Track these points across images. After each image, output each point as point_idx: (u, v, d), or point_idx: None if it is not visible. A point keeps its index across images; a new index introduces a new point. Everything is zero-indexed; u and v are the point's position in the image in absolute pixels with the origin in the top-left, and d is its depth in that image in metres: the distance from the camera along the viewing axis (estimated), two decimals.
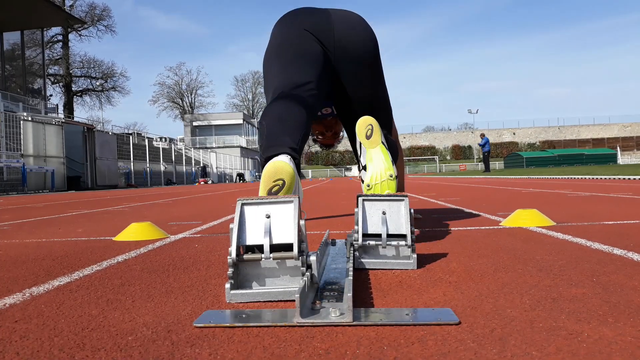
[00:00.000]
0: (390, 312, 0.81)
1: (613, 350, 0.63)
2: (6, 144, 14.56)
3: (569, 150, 44.63)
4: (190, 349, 0.68)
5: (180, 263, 1.39)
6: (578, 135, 60.44)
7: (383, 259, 1.21)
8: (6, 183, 14.04)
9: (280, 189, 1.16)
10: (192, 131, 48.77)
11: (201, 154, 35.66)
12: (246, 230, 1.00)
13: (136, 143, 24.90)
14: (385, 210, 1.23)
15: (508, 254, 1.34)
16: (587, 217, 2.23)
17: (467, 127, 64.94)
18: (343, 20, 1.78)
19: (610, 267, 1.13)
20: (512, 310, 0.81)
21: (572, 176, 8.93)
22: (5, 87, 23.20)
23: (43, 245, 1.89)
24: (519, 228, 1.89)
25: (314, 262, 0.96)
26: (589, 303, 0.84)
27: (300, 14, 1.83)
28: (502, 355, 0.62)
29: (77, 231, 2.42)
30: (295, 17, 1.82)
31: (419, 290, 0.98)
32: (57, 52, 38.12)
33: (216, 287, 1.07)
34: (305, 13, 1.82)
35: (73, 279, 1.21)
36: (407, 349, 0.66)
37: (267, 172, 1.18)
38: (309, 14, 1.81)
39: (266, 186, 1.16)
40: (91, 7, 39.16)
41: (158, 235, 2.01)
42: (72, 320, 0.84)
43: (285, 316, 0.81)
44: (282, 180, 1.17)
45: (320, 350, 0.66)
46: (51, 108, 26.08)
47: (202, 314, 0.84)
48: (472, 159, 56.73)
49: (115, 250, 1.69)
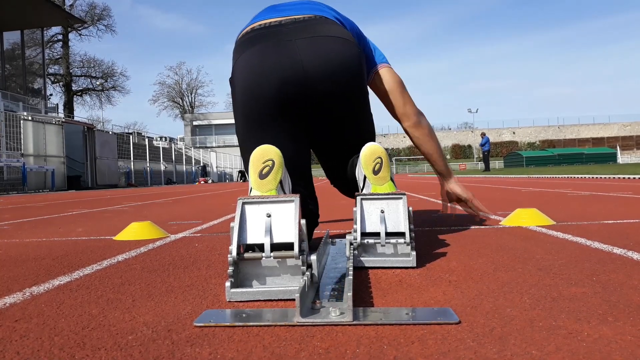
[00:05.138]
0: (390, 311, 0.82)
1: (613, 349, 0.63)
2: (6, 144, 14.56)
3: (568, 149, 44.61)
4: (190, 348, 0.69)
5: (181, 262, 1.39)
6: (578, 134, 60.43)
7: (382, 257, 1.21)
8: (6, 182, 14.04)
9: (271, 169, 1.15)
10: (192, 130, 48.80)
11: (201, 154, 35.67)
12: (247, 229, 1.00)
13: (136, 142, 24.90)
14: (384, 209, 1.23)
15: (508, 253, 1.34)
16: (587, 216, 2.23)
17: (467, 126, 64.94)
18: (315, 54, 1.41)
19: (610, 266, 1.13)
20: (512, 310, 0.81)
21: (572, 175, 8.93)
22: (6, 87, 23.20)
23: (43, 245, 1.89)
24: (518, 227, 1.89)
25: (314, 262, 0.96)
26: (589, 302, 0.84)
27: (263, 52, 1.42)
28: (502, 354, 0.62)
29: (77, 230, 2.42)
30: (260, 57, 1.42)
31: (419, 289, 0.98)
32: (57, 51, 38.11)
33: (216, 286, 1.07)
34: (268, 51, 1.42)
35: (73, 278, 1.21)
36: (407, 348, 0.66)
37: (255, 156, 1.17)
38: (275, 51, 1.41)
39: (256, 169, 1.15)
40: (91, 7, 39.15)
41: (158, 234, 2.01)
42: (73, 320, 0.84)
43: (285, 315, 0.81)
44: (272, 161, 1.16)
45: (320, 349, 0.67)
46: (51, 107, 26.09)
47: (202, 313, 0.84)
48: (472, 158, 56.71)
49: (115, 249, 1.69)
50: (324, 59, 1.41)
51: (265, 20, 1.52)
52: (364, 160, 1.34)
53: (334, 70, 1.41)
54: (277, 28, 1.47)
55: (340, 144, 1.56)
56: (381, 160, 1.33)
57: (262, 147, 1.18)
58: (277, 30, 1.46)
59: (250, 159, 1.17)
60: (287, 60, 1.39)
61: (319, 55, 1.40)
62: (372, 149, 1.35)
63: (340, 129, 1.52)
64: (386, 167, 1.33)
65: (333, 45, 1.43)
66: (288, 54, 1.40)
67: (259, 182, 1.14)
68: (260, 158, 1.16)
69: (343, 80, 1.43)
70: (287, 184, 1.24)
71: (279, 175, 1.16)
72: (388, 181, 1.33)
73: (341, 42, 1.45)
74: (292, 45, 1.41)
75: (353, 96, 1.48)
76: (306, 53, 1.40)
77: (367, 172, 1.34)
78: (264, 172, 1.15)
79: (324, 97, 1.43)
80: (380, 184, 1.32)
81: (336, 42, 1.44)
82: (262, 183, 1.14)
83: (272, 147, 1.19)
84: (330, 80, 1.41)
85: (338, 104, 1.46)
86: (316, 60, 1.40)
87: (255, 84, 1.41)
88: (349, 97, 1.47)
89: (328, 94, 1.43)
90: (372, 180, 1.33)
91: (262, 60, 1.41)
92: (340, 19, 1.61)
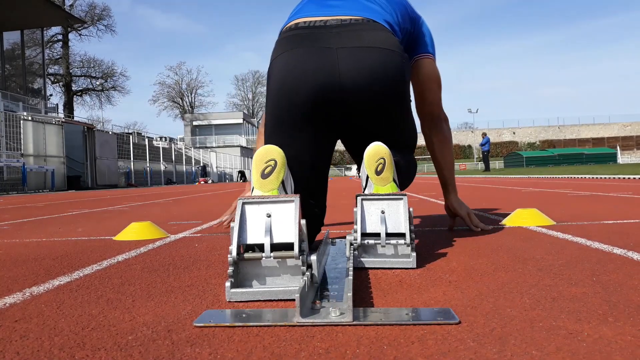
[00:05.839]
0: (390, 311, 0.81)
1: (613, 349, 0.63)
2: (6, 144, 14.56)
3: (568, 149, 44.61)
4: (190, 348, 0.69)
5: (181, 262, 1.39)
6: (578, 134, 60.43)
7: (382, 257, 1.21)
8: (6, 182, 14.04)
9: (273, 169, 1.15)
10: (192, 131, 48.78)
11: (201, 154, 35.66)
12: (247, 229, 1.00)
13: (136, 142, 24.90)
14: (384, 209, 1.23)
15: (508, 253, 1.34)
16: (587, 216, 2.23)
17: (467, 126, 64.94)
18: (354, 66, 1.39)
19: (610, 266, 1.13)
20: (512, 310, 0.81)
21: (572, 175, 8.93)
22: (5, 87, 23.20)
23: (43, 245, 1.89)
24: (519, 227, 1.89)
25: (314, 262, 0.96)
26: (589, 302, 0.84)
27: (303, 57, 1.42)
28: (502, 354, 0.62)
29: (77, 231, 2.42)
30: (300, 61, 1.41)
31: (419, 289, 0.98)
32: (57, 51, 38.10)
33: (216, 286, 1.07)
34: (308, 56, 1.41)
35: (73, 278, 1.21)
36: (407, 348, 0.66)
37: (258, 155, 1.17)
38: (315, 58, 1.40)
39: (258, 169, 1.16)
40: (91, 7, 39.15)
41: (158, 234, 2.01)
42: (72, 320, 0.84)
43: (285, 316, 0.81)
44: (274, 161, 1.16)
45: (320, 349, 0.67)
46: (51, 108, 26.08)
47: (202, 313, 0.84)
48: (472, 158, 56.71)
49: (115, 249, 1.69)
50: (362, 72, 1.39)
51: (310, 18, 1.50)
52: (367, 160, 1.33)
53: (372, 85, 1.40)
54: (320, 30, 1.46)
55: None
56: (384, 161, 1.32)
57: (265, 147, 1.19)
58: (320, 33, 1.45)
59: (253, 159, 1.18)
60: (325, 70, 1.39)
61: (358, 69, 1.39)
62: (376, 149, 1.33)
63: (374, 135, 1.49)
64: (389, 168, 1.32)
65: (375, 57, 1.41)
66: (327, 64, 1.39)
67: (261, 181, 1.14)
68: (263, 158, 1.16)
69: (381, 96, 1.42)
70: (289, 184, 1.24)
71: (281, 175, 1.16)
72: (390, 182, 1.32)
73: (384, 53, 1.42)
74: (333, 55, 1.40)
75: (390, 111, 1.47)
76: (345, 65, 1.39)
77: (369, 172, 1.33)
78: (266, 172, 1.15)
79: (359, 111, 1.44)
80: (382, 184, 1.31)
81: (379, 54, 1.41)
82: (264, 182, 1.14)
83: (275, 147, 1.19)
84: (366, 94, 1.41)
85: (373, 118, 1.46)
86: (354, 73, 1.39)
87: (290, 88, 1.41)
88: (385, 111, 1.46)
89: (363, 109, 1.43)
90: (374, 180, 1.32)
91: (300, 65, 1.40)
92: (389, 20, 1.57)
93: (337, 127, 1.49)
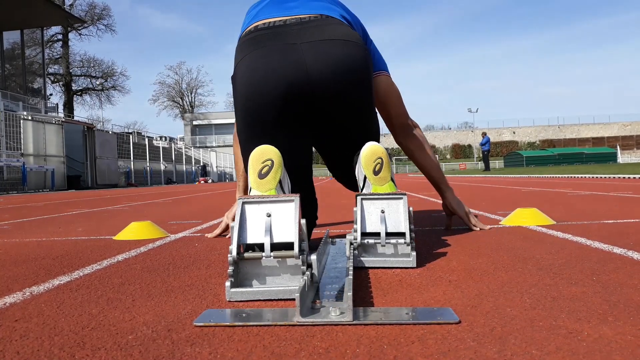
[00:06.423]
0: (390, 311, 0.81)
1: (613, 349, 0.63)
2: (6, 143, 14.56)
3: (569, 149, 44.60)
4: (190, 348, 0.69)
5: (181, 262, 1.39)
6: (578, 134, 60.41)
7: (382, 257, 1.21)
8: (6, 182, 14.04)
9: (270, 169, 1.15)
10: (192, 130, 48.80)
11: (201, 153, 35.67)
12: (247, 229, 1.00)
13: (136, 142, 24.89)
14: (384, 209, 1.23)
15: (508, 253, 1.34)
16: (587, 216, 2.23)
17: (467, 126, 64.94)
18: (319, 59, 1.37)
19: (610, 265, 1.13)
20: (512, 309, 0.81)
21: (572, 175, 8.93)
22: (5, 87, 23.19)
23: (43, 245, 1.89)
24: (519, 227, 1.89)
25: (314, 261, 0.96)
26: (589, 302, 0.84)
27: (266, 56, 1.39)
28: (502, 354, 0.62)
29: (77, 230, 2.42)
30: (264, 61, 1.38)
31: (419, 289, 0.98)
32: (57, 51, 38.08)
33: (216, 286, 1.07)
34: (271, 55, 1.38)
35: (73, 278, 1.21)
36: (407, 347, 0.66)
37: (254, 155, 1.17)
38: (279, 55, 1.38)
39: (255, 169, 1.15)
40: (91, 6, 39.09)
41: (158, 234, 2.01)
42: (72, 320, 0.84)
43: (285, 315, 0.81)
44: (271, 160, 1.16)
45: (320, 349, 0.67)
46: (51, 107, 26.06)
47: (202, 313, 0.84)
48: (472, 158, 56.69)
49: (115, 249, 1.69)
50: (328, 64, 1.37)
51: (269, 19, 1.48)
52: (364, 161, 1.33)
53: (339, 75, 1.38)
54: (281, 29, 1.44)
55: (346, 142, 1.54)
56: (382, 161, 1.32)
57: (261, 147, 1.19)
58: (282, 31, 1.43)
59: (250, 159, 1.18)
60: (291, 66, 1.36)
61: (324, 60, 1.37)
62: (373, 149, 1.33)
63: (345, 130, 1.50)
64: (387, 168, 1.32)
65: (338, 49, 1.39)
66: (292, 59, 1.37)
67: (258, 181, 1.14)
68: (260, 158, 1.16)
69: (349, 85, 1.41)
70: (286, 183, 1.24)
71: (279, 174, 1.16)
72: (389, 181, 1.32)
73: (347, 45, 1.41)
74: (297, 50, 1.37)
75: (359, 100, 1.46)
76: (311, 58, 1.37)
77: (367, 173, 1.32)
78: (263, 172, 1.15)
79: (328, 103, 1.41)
80: (380, 184, 1.31)
81: (342, 46, 1.40)
82: (261, 183, 1.14)
83: (271, 147, 1.19)
84: (334, 86, 1.39)
85: (343, 108, 1.44)
86: (320, 65, 1.37)
87: (257, 89, 1.38)
88: (354, 101, 1.44)
89: (332, 100, 1.41)
90: (372, 180, 1.32)
91: (265, 65, 1.38)
92: (347, 17, 1.58)
93: (310, 123, 1.46)
